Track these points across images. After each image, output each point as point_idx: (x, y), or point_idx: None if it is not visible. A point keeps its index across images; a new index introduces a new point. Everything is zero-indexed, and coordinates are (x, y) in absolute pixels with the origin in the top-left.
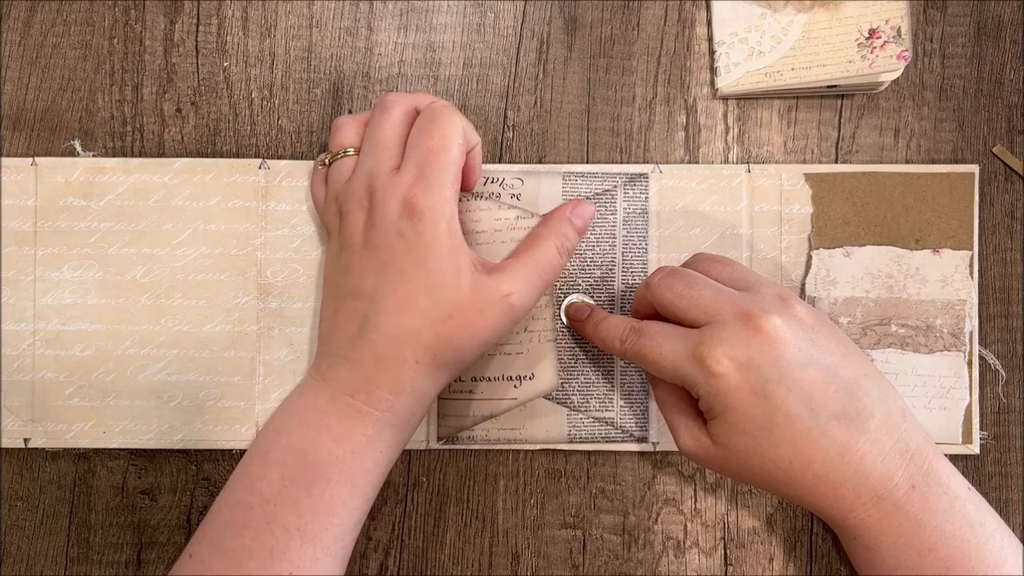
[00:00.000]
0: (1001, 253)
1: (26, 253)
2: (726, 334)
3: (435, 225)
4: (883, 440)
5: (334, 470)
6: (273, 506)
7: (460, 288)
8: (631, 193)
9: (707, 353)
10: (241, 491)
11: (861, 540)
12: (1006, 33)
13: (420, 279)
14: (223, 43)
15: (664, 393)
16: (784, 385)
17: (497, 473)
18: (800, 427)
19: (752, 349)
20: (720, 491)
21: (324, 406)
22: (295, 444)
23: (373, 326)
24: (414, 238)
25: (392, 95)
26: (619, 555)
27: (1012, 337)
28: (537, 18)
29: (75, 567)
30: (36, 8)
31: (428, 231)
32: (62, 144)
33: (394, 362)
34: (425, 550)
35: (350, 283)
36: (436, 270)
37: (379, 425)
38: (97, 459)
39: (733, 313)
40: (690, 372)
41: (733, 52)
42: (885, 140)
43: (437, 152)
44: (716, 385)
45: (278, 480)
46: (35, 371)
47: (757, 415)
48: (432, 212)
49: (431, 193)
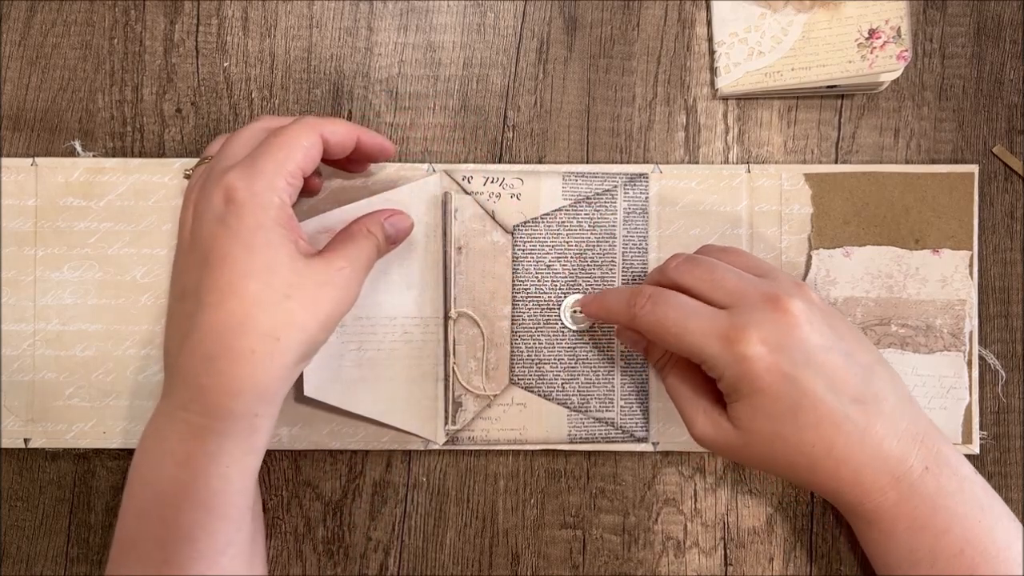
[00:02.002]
0: (1001, 253)
1: (26, 253)
2: (756, 316)
3: (261, 211)
4: (898, 423)
5: (184, 497)
6: (139, 544)
7: (296, 268)
8: (631, 193)
9: (739, 335)
10: (118, 529)
11: (877, 525)
12: (1006, 33)
13: (247, 264)
14: (223, 43)
15: (677, 380)
16: (811, 369)
17: (497, 473)
18: (824, 411)
19: (781, 332)
20: (720, 491)
21: (164, 429)
22: (146, 476)
23: (197, 324)
24: (236, 224)
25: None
26: (619, 555)
27: (1012, 337)
28: (537, 18)
29: (75, 567)
30: (36, 8)
31: (252, 216)
32: (62, 144)
33: (224, 360)
34: (425, 550)
35: (178, 286)
36: (265, 253)
37: (219, 438)
38: (97, 459)
39: (760, 296)
40: (716, 352)
41: (733, 52)
42: (885, 140)
43: (273, 147)
44: (747, 368)
45: (134, 519)
46: (35, 371)
47: (784, 398)
48: (257, 198)
49: (256, 180)
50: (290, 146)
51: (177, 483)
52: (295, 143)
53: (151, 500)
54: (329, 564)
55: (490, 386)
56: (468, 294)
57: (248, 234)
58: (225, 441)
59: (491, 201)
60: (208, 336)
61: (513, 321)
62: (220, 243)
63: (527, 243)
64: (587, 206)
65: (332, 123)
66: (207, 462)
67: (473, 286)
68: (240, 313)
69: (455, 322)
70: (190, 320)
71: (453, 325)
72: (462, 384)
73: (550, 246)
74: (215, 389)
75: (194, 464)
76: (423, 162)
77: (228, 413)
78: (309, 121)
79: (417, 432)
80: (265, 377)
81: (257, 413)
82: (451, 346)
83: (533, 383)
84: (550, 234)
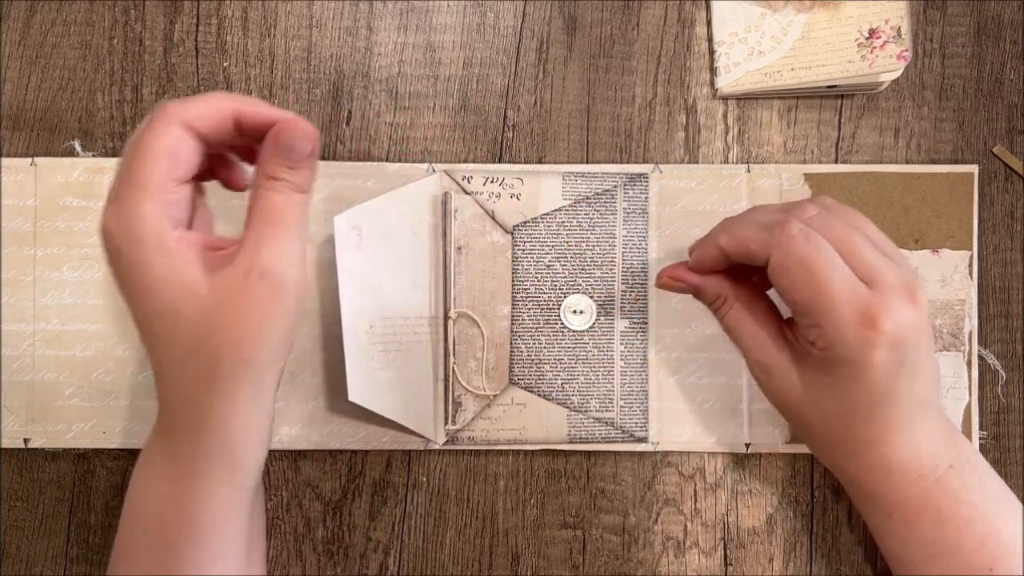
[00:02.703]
0: (1001, 253)
1: (26, 253)
2: (894, 304)
3: (139, 248)
4: (936, 425)
5: (172, 518)
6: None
7: (198, 293)
8: (631, 193)
9: (876, 319)
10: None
11: (899, 515)
12: (1006, 33)
13: (148, 305)
14: (223, 43)
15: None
16: (913, 371)
17: (497, 473)
18: (899, 413)
19: (910, 328)
20: (720, 491)
21: (153, 452)
22: (132, 497)
23: (151, 362)
24: (124, 266)
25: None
26: (619, 555)
27: (1012, 337)
28: (537, 18)
29: (75, 567)
30: (36, 8)
31: (133, 256)
32: (62, 144)
33: (177, 401)
34: (425, 550)
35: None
36: (158, 289)
37: (196, 476)
38: (97, 459)
39: (899, 283)
40: (846, 323)
41: (733, 52)
42: (885, 140)
43: (131, 165)
44: (867, 353)
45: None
46: (35, 371)
47: (874, 392)
48: (130, 233)
49: (123, 215)
50: (146, 157)
51: (166, 506)
52: (151, 151)
53: (141, 520)
54: (329, 564)
55: (490, 386)
56: (468, 294)
57: (137, 273)
58: (203, 480)
59: (491, 201)
60: (158, 378)
61: (513, 321)
62: (124, 292)
63: (527, 243)
64: (587, 206)
65: (194, 105)
66: (193, 487)
67: (473, 286)
68: (166, 356)
69: (455, 322)
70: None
71: (453, 325)
72: (462, 384)
73: (550, 246)
74: (182, 428)
75: (177, 500)
76: (423, 162)
77: (198, 450)
78: (167, 111)
79: (417, 431)
80: (225, 409)
81: (235, 445)
82: (451, 346)
83: (533, 383)
84: (550, 234)
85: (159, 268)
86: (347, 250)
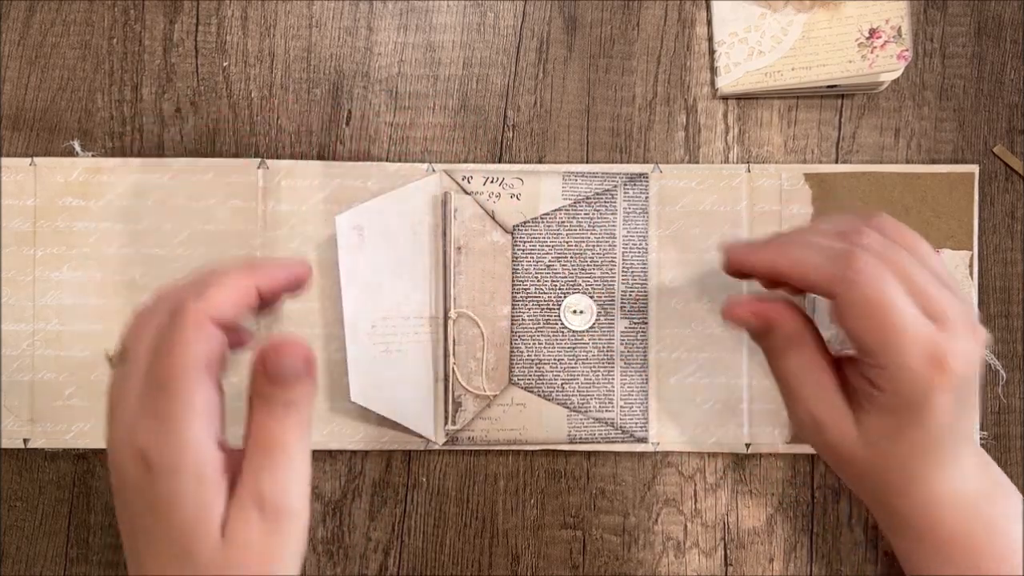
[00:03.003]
0: (1001, 253)
1: (26, 253)
2: (962, 346)
3: (178, 475)
4: (973, 450)
5: None
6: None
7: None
8: (631, 193)
9: (945, 361)
10: None
11: (929, 541)
12: (1006, 33)
13: (163, 546)
14: (223, 43)
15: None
16: (967, 405)
17: (497, 473)
18: (949, 450)
19: (972, 367)
20: (720, 491)
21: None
22: None
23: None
24: (153, 495)
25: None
26: (619, 556)
27: (1012, 337)
28: (537, 18)
29: (75, 567)
30: (36, 8)
31: (171, 484)
32: (61, 144)
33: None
34: (425, 550)
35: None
36: (184, 530)
37: None
38: (97, 459)
39: (966, 322)
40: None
41: (733, 52)
42: (885, 140)
43: (163, 378)
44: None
45: None
46: (35, 371)
47: (940, 428)
48: (171, 461)
49: (167, 437)
50: (188, 369)
51: None
52: (191, 361)
53: None
54: (329, 564)
55: (490, 386)
56: (468, 294)
57: (166, 508)
58: None
59: (491, 201)
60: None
61: (513, 321)
62: (137, 520)
63: (527, 243)
64: (587, 206)
65: (217, 294)
66: None
67: (473, 286)
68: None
69: (455, 322)
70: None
71: (453, 325)
72: (462, 384)
73: (550, 246)
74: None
75: None
76: (423, 162)
77: None
78: (190, 310)
79: (417, 432)
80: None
81: None
82: (451, 346)
83: (533, 383)
84: (550, 234)
85: (190, 500)
86: (348, 250)
